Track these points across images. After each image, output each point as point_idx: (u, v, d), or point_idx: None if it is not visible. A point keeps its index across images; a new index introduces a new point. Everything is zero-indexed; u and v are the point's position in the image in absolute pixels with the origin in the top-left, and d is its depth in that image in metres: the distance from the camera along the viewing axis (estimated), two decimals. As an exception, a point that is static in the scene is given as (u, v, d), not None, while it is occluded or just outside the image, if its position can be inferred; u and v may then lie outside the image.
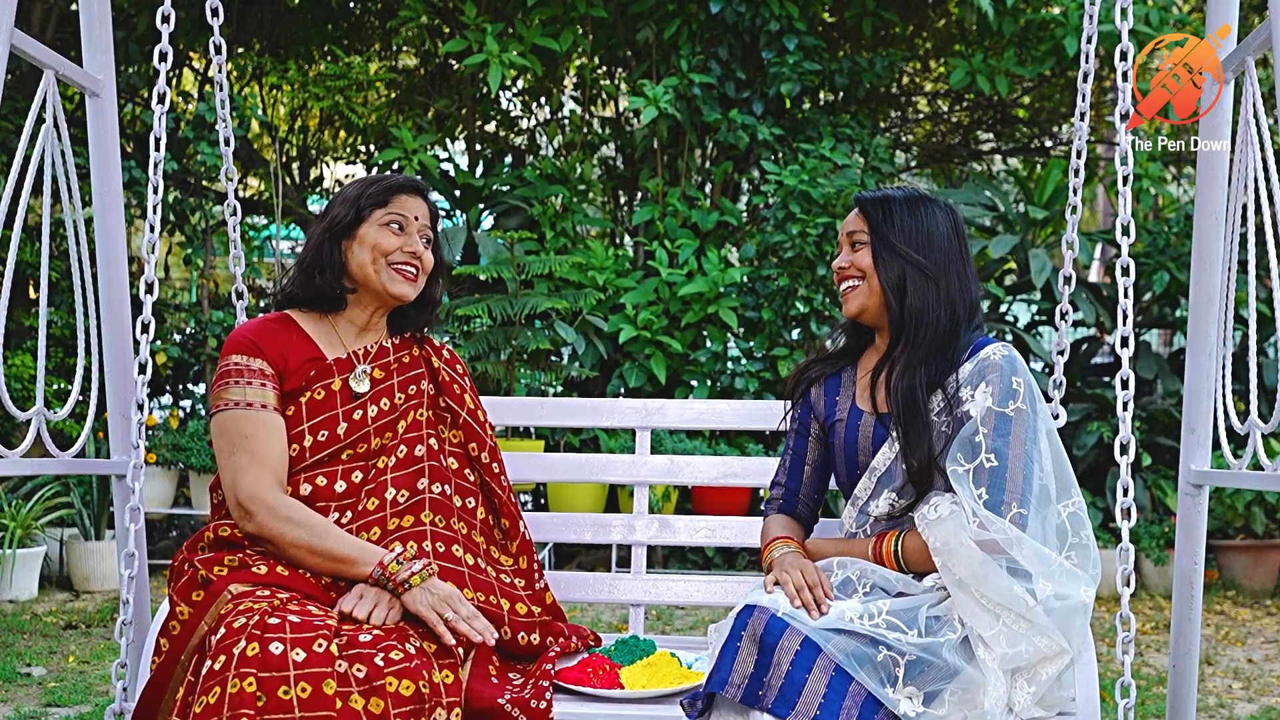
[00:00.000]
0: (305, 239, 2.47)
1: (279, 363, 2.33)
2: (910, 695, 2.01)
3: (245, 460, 2.24)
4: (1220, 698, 4.31)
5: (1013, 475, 2.12)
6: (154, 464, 6.27)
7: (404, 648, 2.05)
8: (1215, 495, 6.17)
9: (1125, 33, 2.39)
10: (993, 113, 8.78)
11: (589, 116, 7.97)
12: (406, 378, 2.45)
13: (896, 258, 2.27)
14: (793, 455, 2.49)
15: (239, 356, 2.32)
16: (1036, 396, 2.20)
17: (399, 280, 2.39)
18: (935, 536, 2.10)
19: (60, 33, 7.00)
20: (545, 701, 2.13)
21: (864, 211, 2.33)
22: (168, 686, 2.10)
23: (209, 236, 7.03)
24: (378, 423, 2.38)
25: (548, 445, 6.58)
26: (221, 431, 2.28)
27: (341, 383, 2.37)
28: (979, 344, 2.25)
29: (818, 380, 2.46)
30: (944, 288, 2.27)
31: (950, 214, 2.33)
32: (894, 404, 2.23)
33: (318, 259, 2.39)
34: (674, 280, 6.62)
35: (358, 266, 2.39)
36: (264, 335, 2.35)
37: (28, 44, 2.54)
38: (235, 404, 2.28)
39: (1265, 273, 2.53)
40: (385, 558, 2.17)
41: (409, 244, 2.39)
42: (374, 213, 2.38)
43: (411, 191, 2.43)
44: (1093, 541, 2.20)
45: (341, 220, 2.38)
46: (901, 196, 2.33)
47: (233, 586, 2.10)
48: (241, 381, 2.29)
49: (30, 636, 4.89)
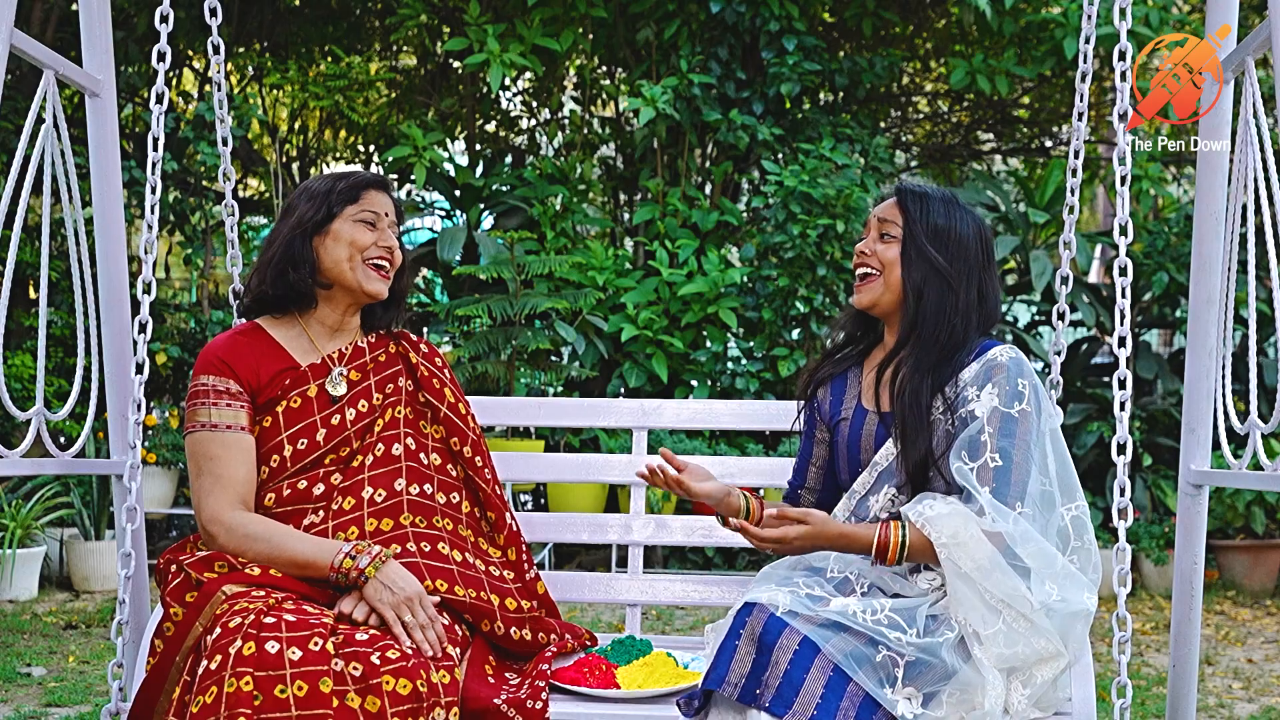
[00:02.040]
0: (268, 237, 2.42)
1: (251, 379, 2.32)
2: (909, 696, 2.01)
3: (209, 483, 2.25)
4: (1220, 698, 4.31)
5: (1017, 476, 2.12)
6: (154, 464, 6.27)
7: (401, 647, 2.05)
8: (1215, 495, 6.17)
9: (1124, 33, 2.39)
10: (993, 113, 8.78)
11: (589, 116, 7.97)
12: (383, 376, 2.43)
13: (923, 261, 2.26)
14: (800, 456, 2.50)
15: (208, 377, 2.31)
16: (1042, 399, 2.20)
17: (374, 277, 2.38)
18: (941, 530, 2.09)
19: (60, 33, 7.01)
20: (541, 702, 2.13)
21: (902, 205, 2.31)
22: (162, 688, 2.10)
23: (209, 236, 7.03)
24: (356, 425, 2.37)
25: (548, 445, 6.58)
26: (191, 453, 2.29)
27: (318, 388, 2.36)
28: (985, 345, 2.25)
29: (824, 381, 2.46)
30: (963, 298, 2.25)
31: (980, 225, 2.32)
32: (897, 403, 2.23)
33: (289, 255, 2.35)
34: (674, 280, 6.62)
35: (332, 263, 2.36)
36: (234, 352, 2.33)
37: (28, 44, 2.54)
38: (204, 425, 2.28)
39: (1265, 273, 2.53)
40: (336, 559, 2.17)
41: (383, 239, 2.38)
42: (345, 209, 2.36)
43: (379, 188, 2.42)
44: (1094, 546, 2.20)
45: (312, 217, 2.36)
46: (939, 197, 2.30)
47: (227, 587, 2.10)
48: (209, 403, 2.29)
49: (30, 636, 4.89)
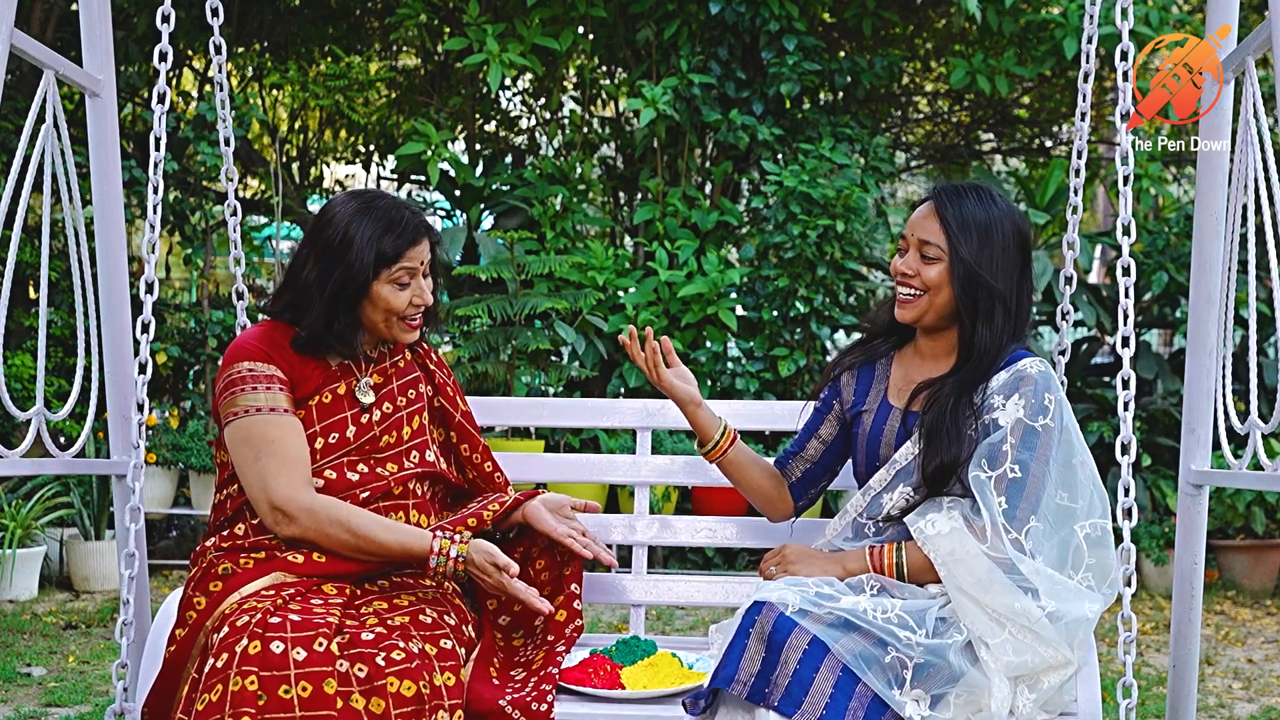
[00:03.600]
0: (304, 263, 2.37)
1: (288, 371, 2.33)
2: (917, 698, 2.01)
3: (274, 465, 2.23)
4: (1220, 698, 4.31)
5: (1033, 489, 2.12)
6: (154, 464, 6.26)
7: (407, 647, 2.05)
8: (1215, 495, 6.17)
9: (1126, 32, 2.38)
10: (993, 113, 8.78)
11: (589, 116, 7.97)
12: (405, 381, 2.46)
13: (972, 284, 2.20)
14: (806, 424, 2.49)
15: (249, 363, 2.30)
16: (1066, 414, 2.20)
17: (407, 331, 2.39)
18: (938, 550, 2.11)
19: (60, 33, 7.00)
20: (546, 704, 2.13)
21: (942, 219, 2.24)
22: (180, 675, 2.11)
23: (209, 236, 7.02)
24: (381, 425, 2.39)
25: (547, 445, 6.58)
26: (244, 439, 2.25)
27: (346, 387, 2.37)
28: (1016, 355, 2.23)
29: (852, 368, 2.44)
30: (1011, 307, 2.22)
31: (1016, 220, 2.26)
32: (931, 413, 2.21)
33: (333, 312, 2.31)
34: (674, 280, 6.62)
35: (368, 321, 2.36)
36: (270, 343, 2.34)
37: (28, 44, 2.54)
38: (256, 410, 2.26)
39: (1265, 273, 2.53)
40: (434, 545, 2.24)
41: (417, 295, 2.36)
42: (383, 271, 2.32)
43: (422, 239, 2.37)
44: (1113, 561, 2.18)
45: (357, 280, 2.31)
46: (976, 200, 2.24)
47: (244, 589, 2.13)
48: (259, 387, 2.28)
49: (30, 636, 4.89)
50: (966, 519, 2.14)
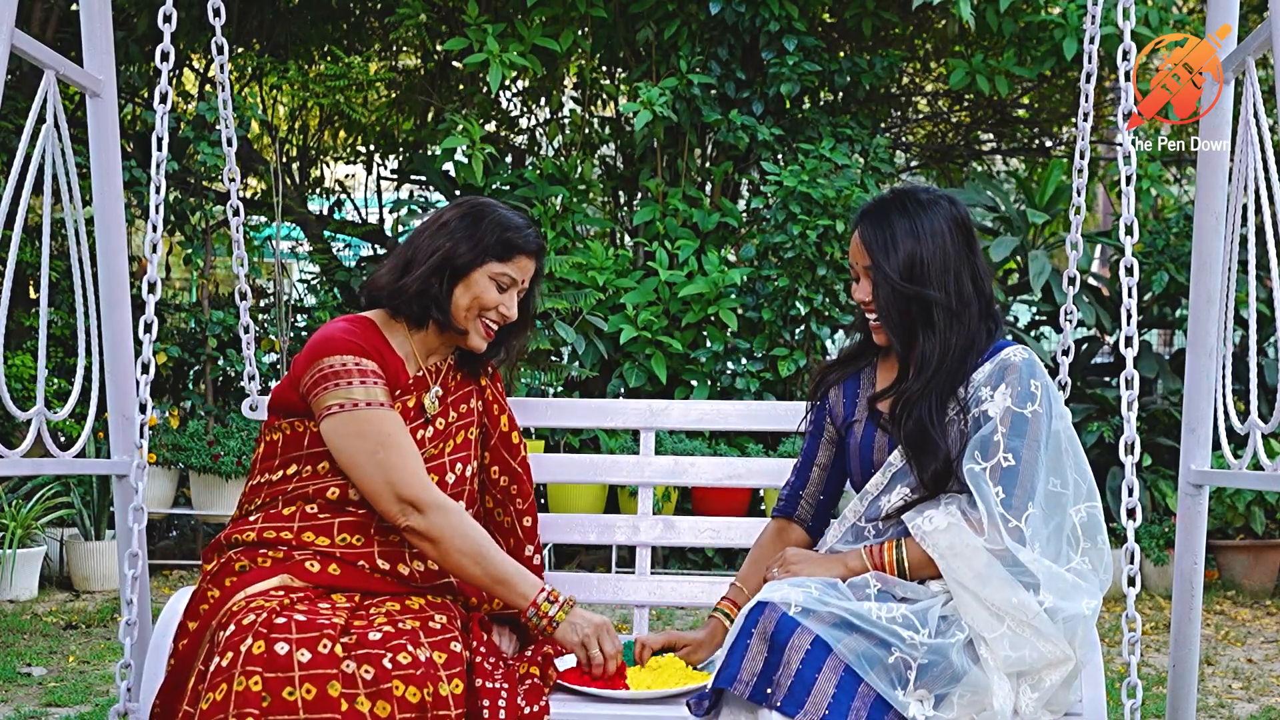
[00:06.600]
0: (418, 236, 2.42)
1: (383, 369, 2.33)
2: (921, 698, 2.00)
3: (397, 458, 2.23)
4: (1220, 698, 4.31)
5: (1027, 477, 2.12)
6: (154, 464, 6.26)
7: (414, 653, 2.04)
8: (1215, 495, 6.17)
9: (1128, 32, 2.38)
10: (993, 113, 8.78)
11: (589, 116, 7.97)
12: (458, 396, 2.47)
13: (901, 296, 2.21)
14: (803, 456, 2.49)
15: (350, 357, 2.28)
16: (1054, 399, 2.20)
17: (480, 335, 2.41)
18: (937, 544, 2.11)
19: (60, 33, 7.00)
20: (539, 706, 2.14)
21: (865, 244, 2.26)
22: (192, 663, 2.11)
23: (209, 236, 7.02)
24: (434, 441, 2.41)
25: (547, 445, 6.58)
26: (358, 431, 2.24)
27: (415, 399, 2.38)
28: (998, 346, 2.24)
29: (837, 383, 2.44)
30: (958, 309, 2.21)
31: (951, 211, 2.25)
32: (903, 437, 2.21)
33: (428, 287, 2.35)
34: (674, 281, 6.62)
35: (454, 305, 2.38)
36: (366, 339, 2.33)
37: (28, 44, 2.54)
38: (366, 403, 2.25)
39: (1265, 273, 2.53)
40: (539, 596, 2.25)
41: (505, 305, 2.39)
42: (490, 263, 2.36)
43: (534, 256, 2.42)
44: (1107, 546, 2.19)
45: (462, 261, 2.35)
46: (903, 219, 2.23)
47: (252, 587, 2.13)
48: (367, 381, 2.27)
49: (30, 636, 4.89)
50: (964, 513, 2.14)
